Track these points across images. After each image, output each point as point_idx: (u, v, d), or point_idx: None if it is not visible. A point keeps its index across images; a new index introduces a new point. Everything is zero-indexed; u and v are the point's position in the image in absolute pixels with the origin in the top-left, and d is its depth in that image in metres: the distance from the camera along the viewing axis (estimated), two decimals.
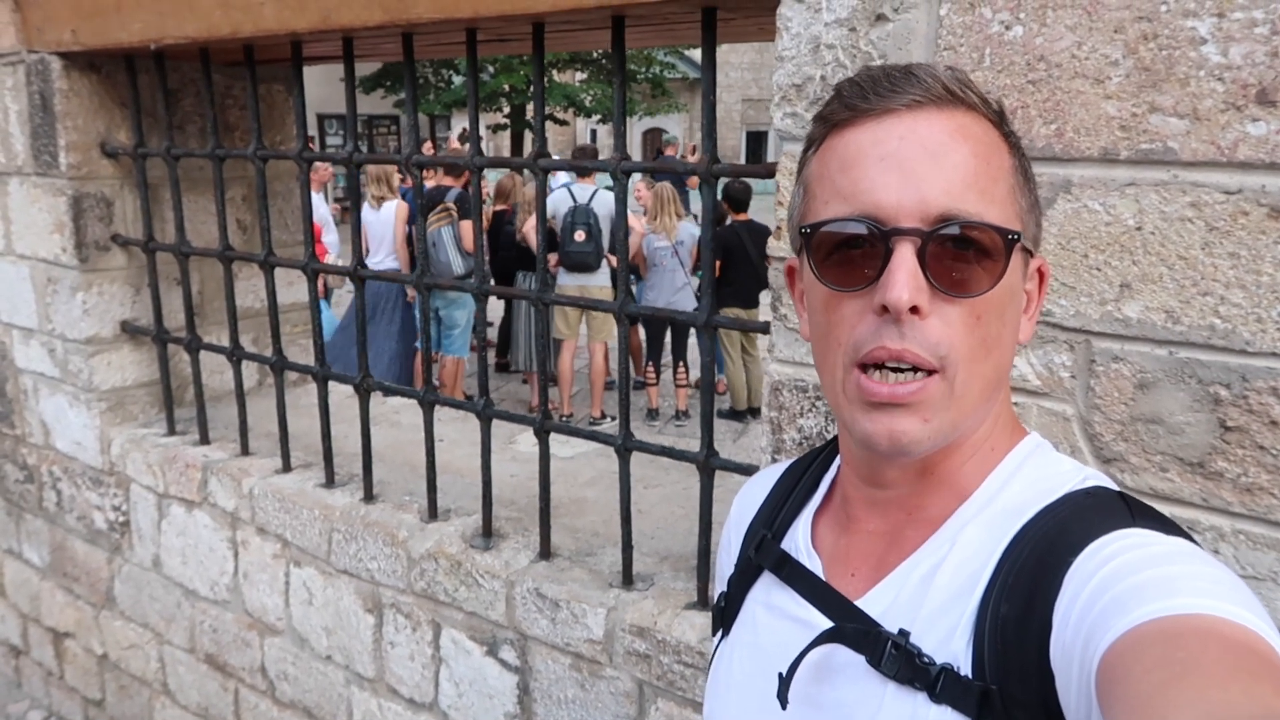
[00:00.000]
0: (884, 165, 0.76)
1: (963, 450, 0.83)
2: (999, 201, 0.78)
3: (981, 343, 0.77)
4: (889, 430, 0.76)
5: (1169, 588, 0.64)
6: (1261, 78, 1.12)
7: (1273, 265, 1.15)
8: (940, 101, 0.77)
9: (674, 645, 1.86)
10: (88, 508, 3.12)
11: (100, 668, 3.32)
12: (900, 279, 0.73)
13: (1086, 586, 0.68)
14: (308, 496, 2.51)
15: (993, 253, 0.76)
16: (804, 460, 1.03)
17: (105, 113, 2.81)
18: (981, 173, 0.77)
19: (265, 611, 2.66)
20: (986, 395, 0.80)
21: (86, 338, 2.89)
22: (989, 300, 0.77)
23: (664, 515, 2.42)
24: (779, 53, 1.46)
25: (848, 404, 0.79)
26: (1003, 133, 0.81)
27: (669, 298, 7.53)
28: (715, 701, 0.96)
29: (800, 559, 0.90)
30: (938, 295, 0.75)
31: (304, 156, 2.32)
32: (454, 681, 2.25)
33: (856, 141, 0.78)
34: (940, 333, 0.75)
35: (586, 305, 2.09)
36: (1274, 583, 1.23)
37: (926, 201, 0.74)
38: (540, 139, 1.87)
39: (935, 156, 0.75)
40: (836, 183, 0.79)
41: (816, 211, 0.81)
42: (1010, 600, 0.74)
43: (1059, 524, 0.76)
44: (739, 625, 0.96)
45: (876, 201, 0.75)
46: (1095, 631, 0.65)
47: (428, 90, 22.19)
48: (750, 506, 1.04)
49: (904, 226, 0.74)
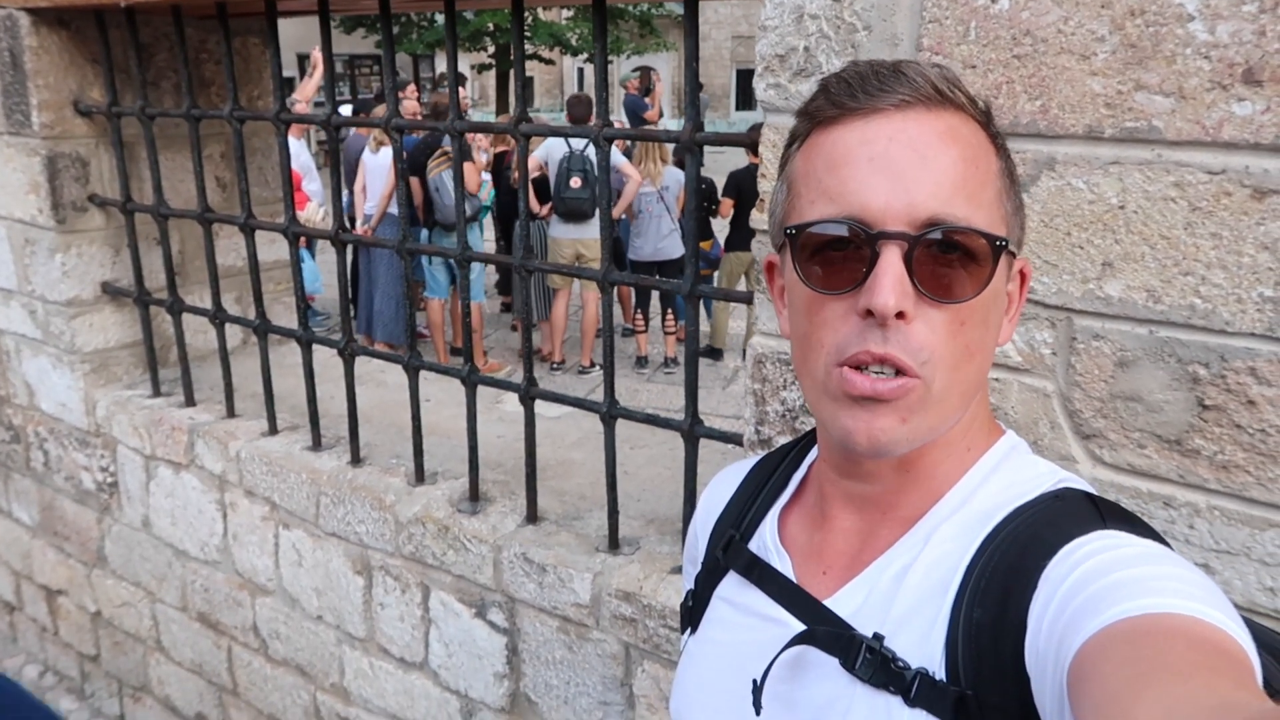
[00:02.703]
0: (872, 166, 0.74)
1: (940, 448, 0.83)
2: (986, 205, 0.77)
3: (964, 348, 0.77)
4: (868, 428, 0.76)
5: (1139, 588, 0.64)
6: (1248, 57, 1.10)
7: (1254, 246, 1.15)
8: (929, 101, 0.76)
9: (659, 609, 1.88)
10: (75, 468, 3.12)
11: (94, 624, 3.36)
12: (886, 284, 0.72)
13: (1060, 589, 0.69)
14: (295, 460, 2.52)
15: (980, 258, 0.75)
16: (773, 457, 1.02)
17: (77, 70, 2.74)
18: (970, 176, 0.76)
19: (255, 572, 2.68)
20: (966, 399, 0.80)
21: (67, 300, 2.86)
22: (973, 305, 0.76)
23: (650, 476, 2.44)
24: (762, 22, 1.44)
25: (829, 401, 0.78)
26: (990, 134, 0.80)
27: (656, 244, 7.48)
28: (684, 699, 0.96)
29: (769, 559, 0.90)
30: (923, 300, 0.74)
31: (281, 118, 2.27)
32: (444, 642, 2.28)
33: (844, 141, 0.76)
34: (924, 338, 0.74)
35: (570, 273, 2.07)
36: (1247, 557, 1.25)
37: (915, 205, 0.73)
38: (521, 106, 1.84)
39: (924, 159, 0.74)
40: (823, 182, 0.77)
41: (801, 211, 0.79)
42: (984, 604, 0.74)
43: (1030, 527, 0.76)
44: (707, 623, 0.96)
45: (864, 203, 0.74)
46: (1068, 633, 0.65)
47: (410, 29, 21.75)
48: (717, 503, 1.03)
49: (891, 230, 0.73)
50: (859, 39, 1.36)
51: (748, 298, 1.68)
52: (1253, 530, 1.23)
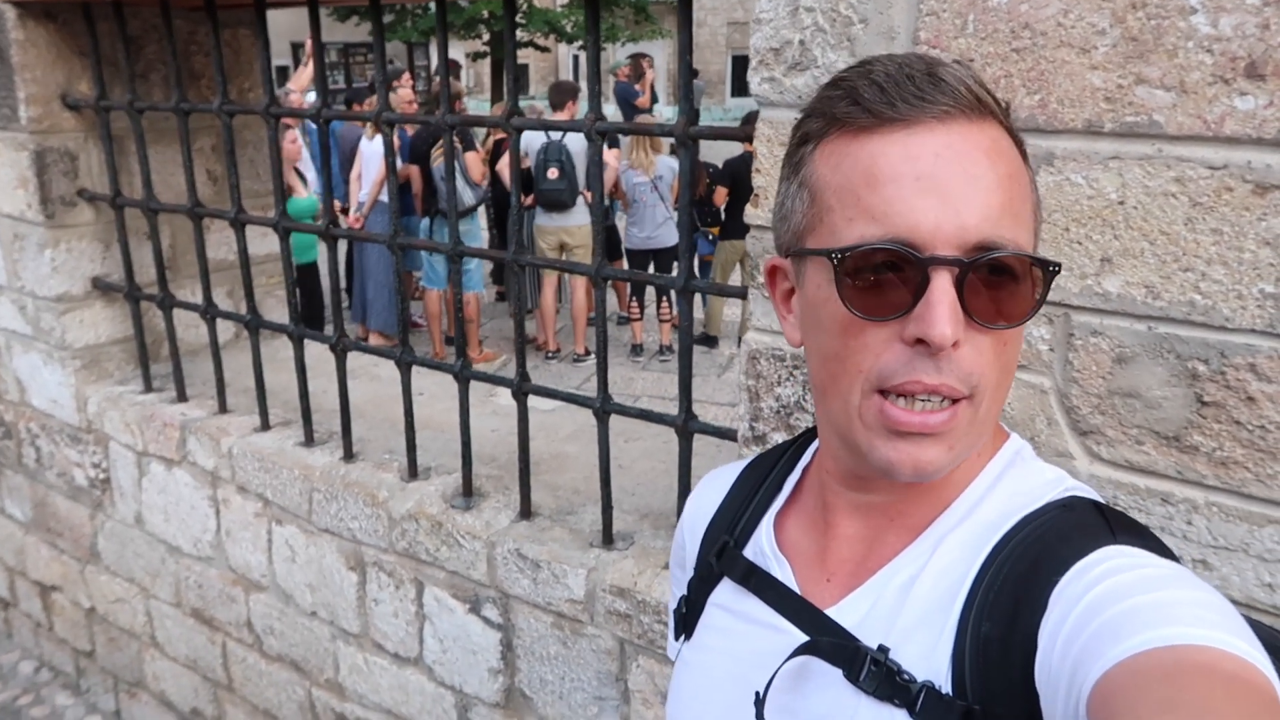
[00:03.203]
0: (919, 186, 0.70)
1: None
2: (1026, 224, 0.75)
3: (1005, 368, 0.75)
4: (914, 460, 0.73)
5: (1161, 615, 0.63)
6: (1251, 50, 1.09)
7: (1255, 242, 1.13)
8: (969, 112, 0.72)
9: (654, 605, 1.87)
10: (67, 464, 3.11)
11: (89, 620, 3.34)
12: (943, 314, 0.69)
13: (1074, 610, 0.67)
14: (287, 456, 2.50)
15: (1031, 283, 0.73)
16: (765, 460, 0.99)
17: (64, 63, 2.71)
18: (1015, 196, 0.73)
19: (249, 568, 2.67)
20: (998, 415, 0.79)
21: (57, 295, 2.83)
22: (1017, 328, 0.75)
23: (644, 470, 2.43)
24: (756, 15, 1.42)
25: (864, 430, 0.75)
26: (1017, 141, 0.77)
27: (651, 232, 7.48)
28: (680, 707, 0.94)
29: (767, 565, 0.88)
30: (971, 325, 0.71)
31: (271, 112, 2.25)
32: (438, 638, 2.27)
33: (886, 155, 0.72)
34: (973, 363, 0.72)
35: (564, 268, 2.05)
36: (1245, 553, 1.24)
37: (966, 229, 0.70)
38: (513, 100, 1.81)
39: (973, 178, 0.71)
40: (864, 200, 0.72)
41: (836, 227, 0.74)
42: (992, 618, 0.73)
43: (1039, 540, 0.75)
44: (704, 630, 0.94)
45: (912, 225, 0.70)
46: (1085, 657, 0.63)
47: (404, 17, 21.61)
48: (706, 508, 1.00)
49: (942, 255, 0.70)
50: (855, 32, 1.34)
51: (742, 292, 1.66)
52: (1251, 526, 1.23)
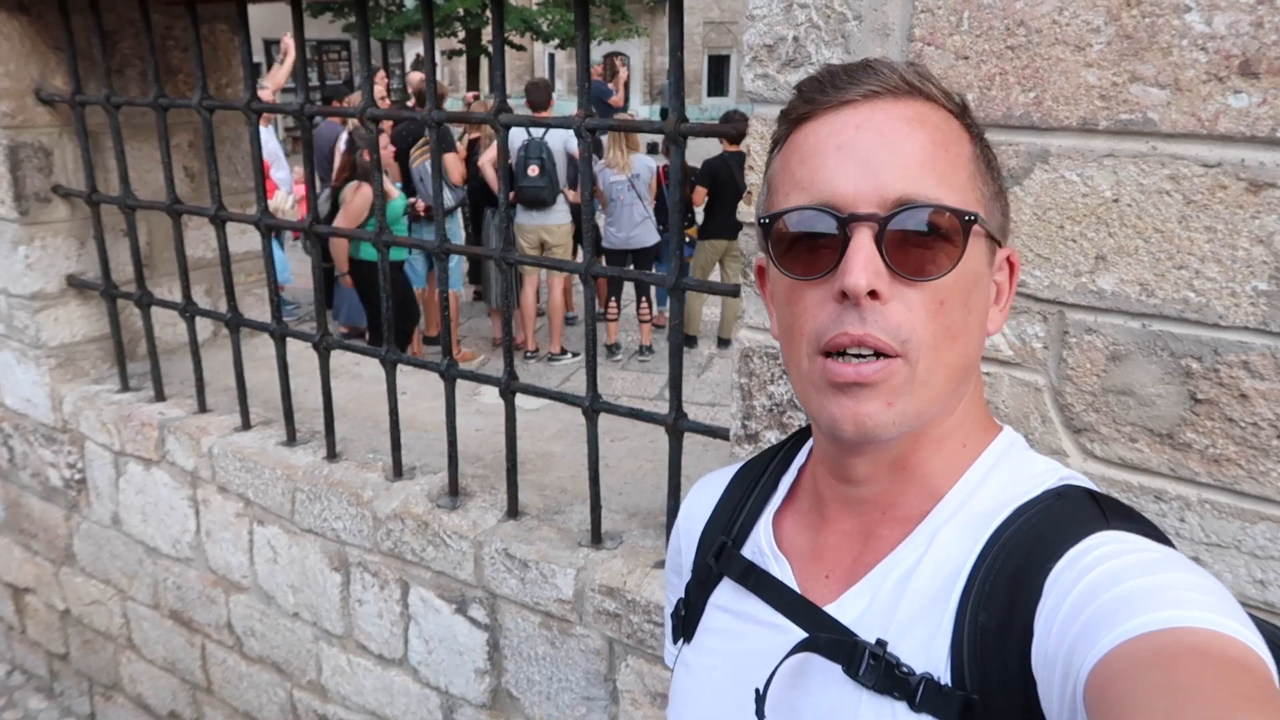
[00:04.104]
0: (841, 154, 0.76)
1: (932, 442, 0.82)
2: (958, 188, 0.77)
3: (946, 329, 0.77)
4: (854, 414, 0.76)
5: (1155, 599, 0.63)
6: (1245, 48, 1.09)
7: (1249, 240, 1.14)
8: (897, 91, 0.77)
9: (644, 605, 1.86)
10: (42, 465, 3.05)
11: (63, 623, 3.29)
12: (858, 264, 0.73)
13: (1069, 594, 0.68)
14: (269, 455, 2.47)
15: (951, 235, 0.76)
16: (758, 462, 1.01)
17: (39, 57, 2.66)
18: (939, 158, 0.76)
19: (230, 569, 2.64)
20: (953, 384, 0.80)
21: (31, 293, 2.78)
22: (950, 285, 0.76)
23: (631, 469, 2.42)
24: (750, 11, 1.41)
25: (815, 392, 0.78)
26: (964, 123, 0.81)
27: (629, 232, 7.47)
28: (682, 709, 0.94)
29: (766, 564, 0.89)
30: (897, 279, 0.75)
31: (252, 107, 2.22)
32: (423, 639, 2.25)
33: (815, 134, 0.78)
34: (901, 316, 0.75)
35: (551, 266, 2.04)
36: (1238, 550, 1.25)
37: (884, 187, 0.74)
38: (500, 96, 1.80)
39: (892, 143, 0.76)
40: (795, 174, 0.79)
41: (777, 205, 0.81)
42: (989, 608, 0.74)
43: (1033, 528, 0.76)
44: (704, 633, 0.94)
45: (834, 190, 0.75)
46: (1081, 642, 0.64)
47: (378, 14, 21.45)
48: (701, 511, 1.01)
49: (861, 212, 0.74)
50: (849, 29, 1.33)
51: (734, 290, 1.66)
52: (1243, 523, 1.23)
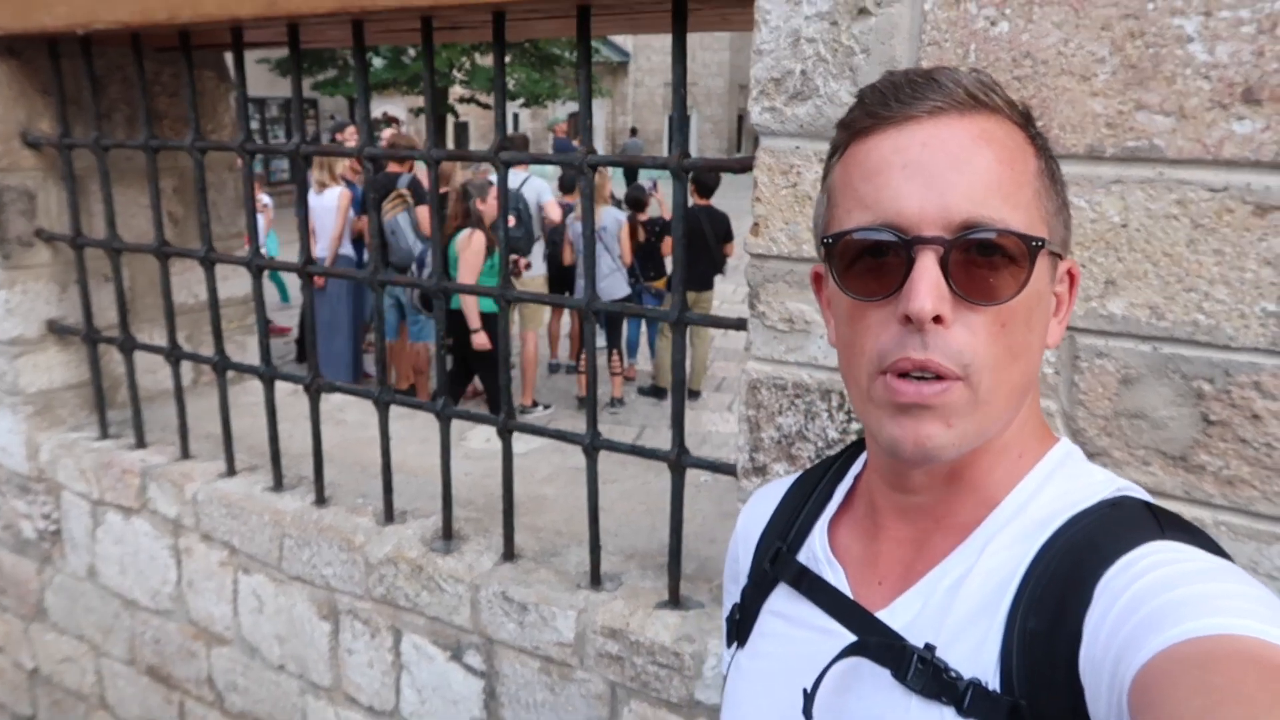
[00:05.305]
0: (906, 173, 0.75)
1: (989, 454, 0.82)
2: (1024, 206, 0.77)
3: (1007, 350, 0.76)
4: (914, 435, 0.75)
5: (1204, 606, 0.63)
6: (1248, 76, 1.13)
7: (1256, 262, 1.17)
8: (963, 106, 0.77)
9: (647, 646, 1.83)
10: (14, 516, 2.97)
11: (31, 682, 3.17)
12: (923, 288, 0.73)
13: (1119, 601, 0.68)
14: (256, 501, 2.42)
15: (1017, 259, 0.75)
16: (815, 471, 1.02)
17: (26, 100, 2.65)
18: (1006, 178, 0.76)
19: (212, 620, 2.56)
20: (1014, 401, 0.80)
21: (10, 339, 2.73)
22: (1014, 307, 0.76)
23: (625, 511, 2.40)
24: (757, 46, 1.44)
25: (875, 410, 0.78)
26: (1029, 134, 0.80)
27: (597, 284, 7.51)
28: (735, 712, 0.95)
29: (820, 570, 0.90)
30: (961, 303, 0.74)
31: (246, 148, 2.22)
32: (416, 688, 2.20)
33: (879, 149, 0.77)
34: (964, 341, 0.74)
35: (553, 303, 2.04)
36: (1254, 572, 1.26)
37: (949, 209, 0.74)
38: (500, 131, 1.81)
39: (958, 163, 0.75)
40: (859, 191, 0.78)
41: (839, 220, 0.80)
42: (1038, 614, 0.74)
43: (1086, 536, 0.76)
44: (756, 636, 0.95)
45: (899, 210, 0.75)
46: (1128, 649, 0.64)
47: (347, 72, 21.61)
48: (758, 520, 1.03)
49: (926, 235, 0.74)
50: (857, 62, 1.36)
51: (738, 324, 1.66)
52: (1259, 544, 1.24)
